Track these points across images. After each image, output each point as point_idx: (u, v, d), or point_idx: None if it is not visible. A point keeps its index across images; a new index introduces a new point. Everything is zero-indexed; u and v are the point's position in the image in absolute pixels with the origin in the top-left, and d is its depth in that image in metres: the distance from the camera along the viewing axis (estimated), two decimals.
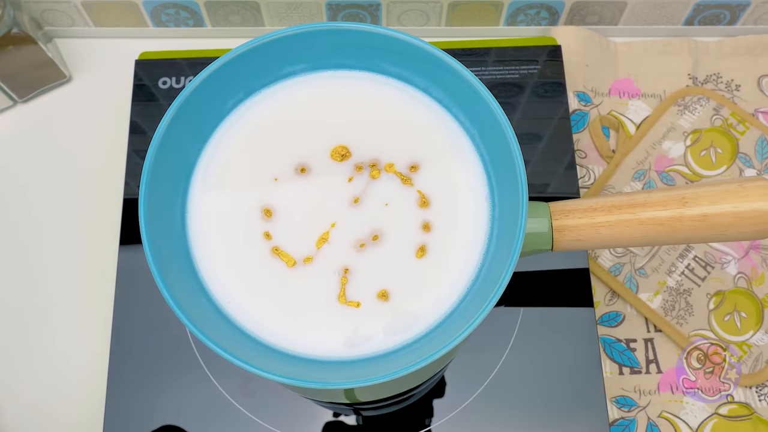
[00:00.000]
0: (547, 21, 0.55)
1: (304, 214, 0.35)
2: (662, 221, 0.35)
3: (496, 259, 0.33)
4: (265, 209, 0.35)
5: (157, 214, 0.32)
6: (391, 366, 0.30)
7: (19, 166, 0.52)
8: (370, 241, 0.34)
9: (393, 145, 0.36)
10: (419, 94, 0.37)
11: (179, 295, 0.31)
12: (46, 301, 0.49)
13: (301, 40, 0.35)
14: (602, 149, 0.52)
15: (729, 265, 0.48)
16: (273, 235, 0.34)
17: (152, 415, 0.43)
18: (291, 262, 0.34)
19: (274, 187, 0.35)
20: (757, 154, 0.51)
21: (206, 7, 0.53)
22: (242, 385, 0.44)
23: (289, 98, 0.37)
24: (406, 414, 0.44)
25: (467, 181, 0.35)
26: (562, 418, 0.43)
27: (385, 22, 0.55)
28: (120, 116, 0.52)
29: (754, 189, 0.35)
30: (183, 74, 0.52)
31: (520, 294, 0.46)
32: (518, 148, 0.32)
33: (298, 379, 0.29)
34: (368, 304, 0.33)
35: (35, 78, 0.53)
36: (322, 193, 0.35)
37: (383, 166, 0.35)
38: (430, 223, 0.34)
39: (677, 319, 0.47)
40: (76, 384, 0.46)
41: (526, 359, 0.44)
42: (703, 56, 0.55)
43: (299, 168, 0.35)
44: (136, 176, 0.49)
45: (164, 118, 0.33)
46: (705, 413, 0.46)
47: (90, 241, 0.50)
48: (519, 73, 0.52)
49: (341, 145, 0.36)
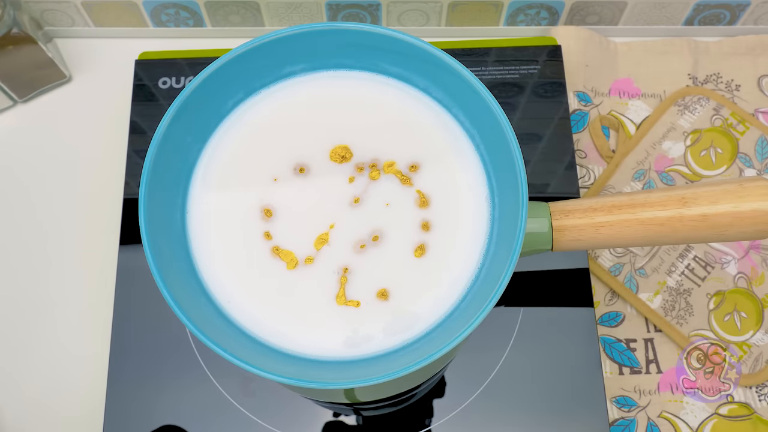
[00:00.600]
0: (547, 21, 0.55)
1: (305, 214, 0.35)
2: (662, 221, 0.35)
3: (496, 259, 0.33)
4: (265, 209, 0.35)
5: (157, 214, 0.32)
6: (391, 366, 0.30)
7: (20, 166, 0.52)
8: (369, 241, 0.34)
9: (393, 145, 0.36)
10: (419, 94, 0.37)
11: (179, 295, 0.31)
12: (46, 300, 0.49)
13: (301, 40, 0.35)
14: (602, 149, 0.52)
15: (729, 265, 0.48)
16: (273, 235, 0.34)
17: (152, 415, 0.43)
18: (291, 262, 0.34)
19: (274, 187, 0.35)
20: (757, 154, 0.51)
21: (206, 7, 0.53)
22: (242, 385, 0.44)
23: (289, 98, 0.37)
24: (406, 414, 0.44)
25: (467, 181, 0.35)
26: (562, 418, 0.43)
27: (385, 22, 0.55)
28: (120, 116, 0.52)
29: (754, 189, 0.35)
30: (183, 74, 0.52)
31: (520, 294, 0.46)
32: (518, 148, 0.32)
33: (298, 379, 0.29)
34: (368, 303, 0.33)
35: (35, 78, 0.53)
36: (322, 193, 0.35)
37: (383, 166, 0.35)
38: (429, 223, 0.34)
39: (677, 319, 0.47)
40: (76, 384, 0.46)
41: (526, 359, 0.44)
42: (703, 56, 0.55)
43: (299, 168, 0.35)
44: (136, 176, 0.49)
45: (164, 118, 0.33)
46: (705, 413, 0.46)
47: (90, 241, 0.50)
48: (519, 73, 0.52)
49: (341, 146, 0.36)
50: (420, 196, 0.35)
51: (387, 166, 0.35)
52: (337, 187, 0.35)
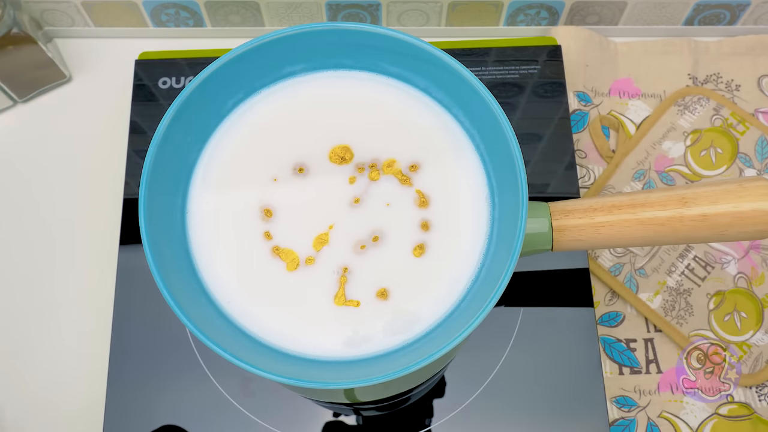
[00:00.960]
0: (547, 21, 0.55)
1: (305, 214, 0.35)
2: (662, 221, 0.35)
3: (496, 259, 0.33)
4: (266, 209, 0.35)
5: (157, 214, 0.32)
6: (391, 366, 0.30)
7: (20, 166, 0.52)
8: (369, 242, 0.34)
9: (393, 146, 0.36)
10: (419, 94, 0.37)
11: (179, 295, 0.31)
12: (46, 301, 0.49)
13: (301, 40, 0.35)
14: (602, 149, 0.52)
15: (729, 265, 0.48)
16: (273, 235, 0.34)
17: (152, 415, 0.43)
18: (292, 263, 0.34)
19: (274, 187, 0.35)
20: (757, 154, 0.51)
21: (206, 7, 0.53)
22: (242, 385, 0.44)
23: (289, 98, 0.37)
24: (406, 414, 0.44)
25: (467, 181, 0.35)
26: (562, 418, 0.43)
27: (385, 22, 0.55)
28: (120, 116, 0.52)
29: (754, 189, 0.35)
30: (183, 74, 0.52)
31: (520, 294, 0.46)
32: (518, 148, 0.32)
33: (298, 379, 0.29)
34: (368, 303, 0.33)
35: (35, 78, 0.53)
36: (321, 194, 0.35)
37: (382, 166, 0.35)
38: (429, 222, 0.34)
39: (677, 319, 0.47)
40: (76, 384, 0.46)
41: (526, 359, 0.44)
42: (703, 56, 0.55)
43: (299, 168, 0.35)
44: (136, 176, 0.49)
45: (164, 118, 0.33)
46: (705, 413, 0.46)
47: (90, 241, 0.50)
48: (519, 73, 0.52)
49: (341, 146, 0.36)
50: (420, 196, 0.35)
51: (386, 165, 0.35)
52: (337, 187, 0.35)
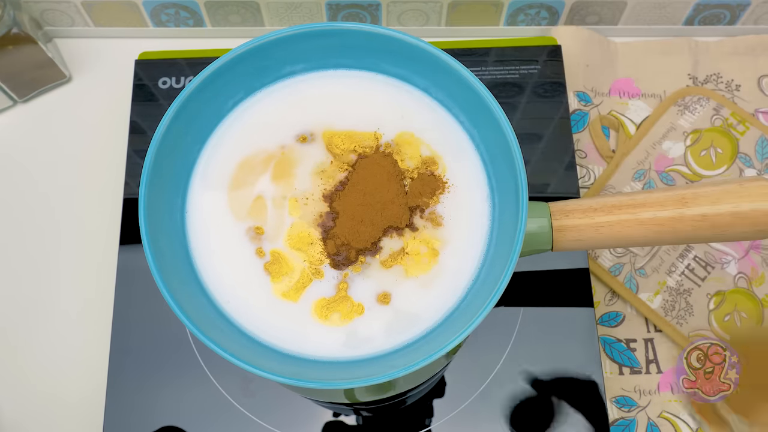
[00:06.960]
0: (547, 21, 0.55)
1: (305, 215, 0.35)
2: (662, 221, 0.35)
3: (496, 259, 0.33)
4: (266, 209, 0.35)
5: (157, 214, 0.32)
6: (391, 366, 0.30)
7: (20, 166, 0.52)
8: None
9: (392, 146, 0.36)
10: (419, 94, 0.37)
11: (179, 295, 0.31)
12: (46, 300, 0.49)
13: (301, 40, 0.35)
14: (602, 149, 0.52)
15: (729, 265, 0.48)
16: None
17: (152, 415, 0.43)
18: (292, 263, 0.34)
19: (274, 188, 0.35)
20: (757, 154, 0.51)
21: (206, 7, 0.53)
22: (242, 385, 0.44)
23: (289, 98, 0.37)
24: (406, 414, 0.44)
25: (467, 181, 0.35)
26: (562, 418, 0.43)
27: (385, 22, 0.55)
28: (120, 116, 0.52)
29: (754, 189, 0.35)
30: (183, 74, 0.52)
31: (520, 294, 0.46)
32: (518, 148, 0.32)
33: (298, 379, 0.29)
34: (369, 308, 0.33)
35: (35, 78, 0.53)
36: (322, 194, 0.35)
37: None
38: (429, 223, 0.34)
39: (677, 319, 0.47)
40: (76, 383, 0.46)
41: (526, 359, 0.44)
42: (703, 56, 0.55)
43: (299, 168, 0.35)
44: (136, 176, 0.49)
45: (164, 118, 0.33)
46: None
47: (90, 241, 0.50)
48: (519, 73, 0.52)
49: (341, 146, 0.36)
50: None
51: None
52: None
